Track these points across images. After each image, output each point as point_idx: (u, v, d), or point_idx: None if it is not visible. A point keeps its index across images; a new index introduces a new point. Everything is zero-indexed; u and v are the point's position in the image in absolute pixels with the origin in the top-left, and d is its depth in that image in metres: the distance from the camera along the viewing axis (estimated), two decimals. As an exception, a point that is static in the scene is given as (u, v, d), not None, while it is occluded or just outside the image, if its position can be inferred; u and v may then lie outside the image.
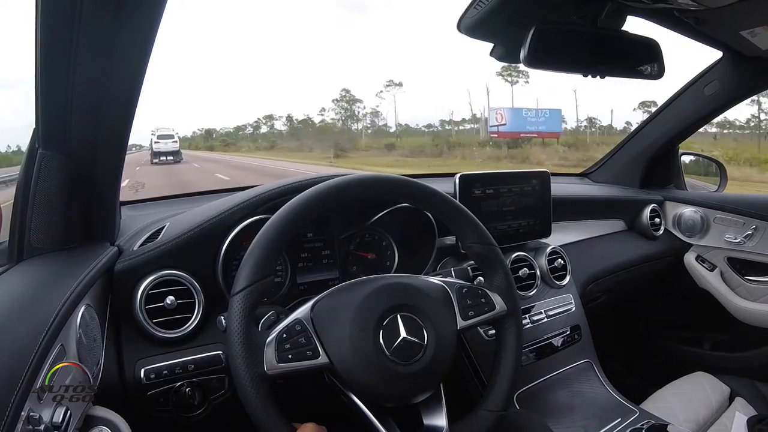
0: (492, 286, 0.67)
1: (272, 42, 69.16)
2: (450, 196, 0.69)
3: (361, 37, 68.42)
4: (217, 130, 38.21)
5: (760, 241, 1.25)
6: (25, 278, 0.58)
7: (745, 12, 0.81)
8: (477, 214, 0.68)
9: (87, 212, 0.68)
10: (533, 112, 18.76)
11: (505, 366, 0.65)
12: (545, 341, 1.01)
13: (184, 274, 0.71)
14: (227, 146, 34.25)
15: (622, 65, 0.79)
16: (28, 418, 0.40)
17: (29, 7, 0.52)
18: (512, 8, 0.71)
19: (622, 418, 0.91)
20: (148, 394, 0.66)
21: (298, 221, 0.59)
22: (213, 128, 38.60)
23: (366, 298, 0.58)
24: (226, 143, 35.13)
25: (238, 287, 0.54)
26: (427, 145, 23.24)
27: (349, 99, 31.42)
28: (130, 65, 0.57)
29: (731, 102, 1.23)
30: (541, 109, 19.07)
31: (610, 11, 0.74)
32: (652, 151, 1.41)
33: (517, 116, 18.72)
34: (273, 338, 0.54)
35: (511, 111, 19.23)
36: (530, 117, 18.63)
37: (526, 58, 0.69)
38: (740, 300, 1.27)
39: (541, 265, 1.04)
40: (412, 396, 0.59)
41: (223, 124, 49.69)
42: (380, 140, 28.15)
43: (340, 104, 31.59)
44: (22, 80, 0.69)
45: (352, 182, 0.63)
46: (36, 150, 0.61)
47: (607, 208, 1.35)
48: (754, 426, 0.88)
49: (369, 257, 0.91)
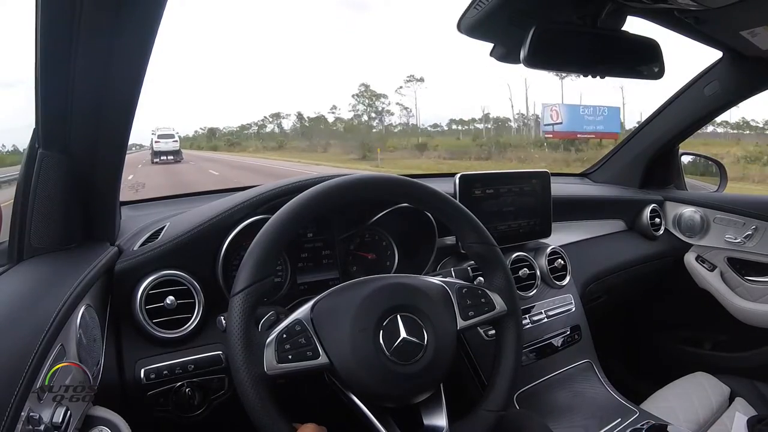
0: (492, 286, 0.67)
1: (277, 39, 69.07)
2: (450, 196, 0.69)
3: (369, 34, 68.01)
4: (221, 129, 37.20)
5: (760, 241, 1.25)
6: (25, 278, 0.58)
7: (745, 12, 0.80)
8: (477, 214, 0.68)
9: (87, 212, 0.68)
10: (590, 110, 16.00)
11: (505, 366, 0.65)
12: (545, 341, 1.00)
13: (184, 274, 0.71)
14: (232, 146, 33.02)
15: (622, 65, 0.79)
16: (28, 418, 0.40)
17: (29, 7, 0.52)
18: (512, 8, 0.71)
19: (622, 419, 0.91)
20: (148, 395, 0.66)
21: (298, 221, 0.59)
22: (216, 127, 37.52)
23: (366, 298, 0.58)
24: (231, 143, 33.94)
25: (238, 287, 0.54)
26: (469, 146, 20.59)
27: (371, 94, 28.68)
28: (130, 65, 0.57)
29: (731, 102, 1.23)
30: (599, 106, 16.22)
31: (610, 11, 0.74)
32: (653, 151, 1.41)
33: (573, 114, 16.07)
34: (273, 338, 0.54)
35: (567, 108, 16.57)
36: (587, 115, 15.93)
37: (526, 58, 0.69)
38: (740, 300, 1.27)
39: (541, 265, 1.04)
40: (412, 396, 0.59)
41: (226, 123, 48.82)
42: (407, 140, 25.68)
43: (361, 99, 28.88)
44: (22, 80, 0.69)
45: (352, 182, 0.63)
46: (36, 150, 0.61)
47: (607, 208, 1.35)
48: (754, 426, 0.88)
49: (369, 257, 0.91)
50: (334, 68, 61.53)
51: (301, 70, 63.94)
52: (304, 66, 64.12)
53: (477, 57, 31.07)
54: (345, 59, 62.32)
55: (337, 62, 62.69)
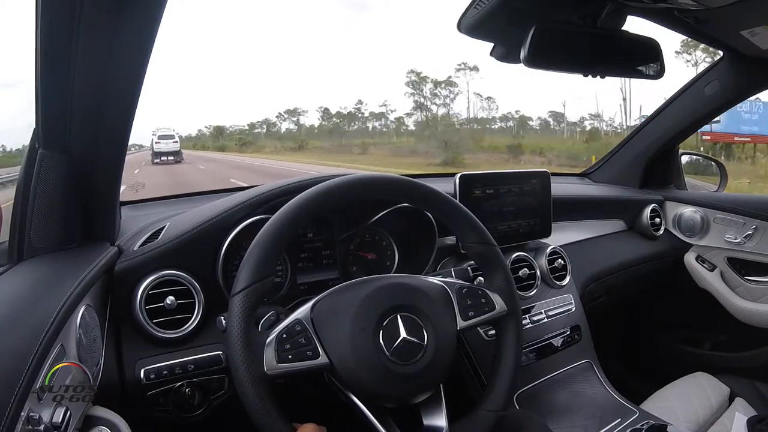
0: (492, 286, 0.67)
1: (281, 35, 68.18)
2: (450, 196, 0.69)
3: (374, 30, 66.82)
4: (227, 128, 34.40)
5: (760, 241, 1.25)
6: (25, 278, 0.58)
7: (745, 12, 0.81)
8: (477, 214, 0.68)
9: (87, 212, 0.68)
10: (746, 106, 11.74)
11: (504, 366, 0.65)
12: (545, 341, 1.00)
13: (184, 274, 0.71)
14: (245, 146, 29.71)
15: (623, 65, 0.79)
16: (28, 418, 0.40)
17: (29, 7, 0.52)
18: (512, 8, 0.71)
19: (622, 419, 0.91)
20: (148, 395, 0.66)
21: (298, 221, 0.59)
22: (223, 126, 34.68)
23: (366, 298, 0.58)
24: (243, 142, 30.63)
25: (239, 287, 0.54)
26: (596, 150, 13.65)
27: (432, 81, 23.19)
28: (130, 65, 0.57)
29: (731, 102, 1.23)
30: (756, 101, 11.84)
31: (610, 11, 0.74)
32: (653, 151, 1.41)
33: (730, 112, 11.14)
34: (273, 338, 0.54)
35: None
36: (743, 113, 11.91)
37: (526, 58, 0.70)
38: (740, 300, 1.27)
39: (541, 265, 1.04)
40: (412, 396, 0.59)
41: (232, 122, 46.58)
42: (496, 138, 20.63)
43: (416, 88, 23.24)
44: (22, 80, 0.69)
45: (352, 182, 0.63)
46: (36, 150, 0.61)
47: (607, 208, 1.35)
48: (754, 426, 0.88)
49: (369, 257, 0.91)
50: (359, 59, 58.89)
51: (321, 64, 61.48)
52: (322, 60, 62.16)
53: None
54: (350, 57, 61.05)
55: (341, 60, 61.60)
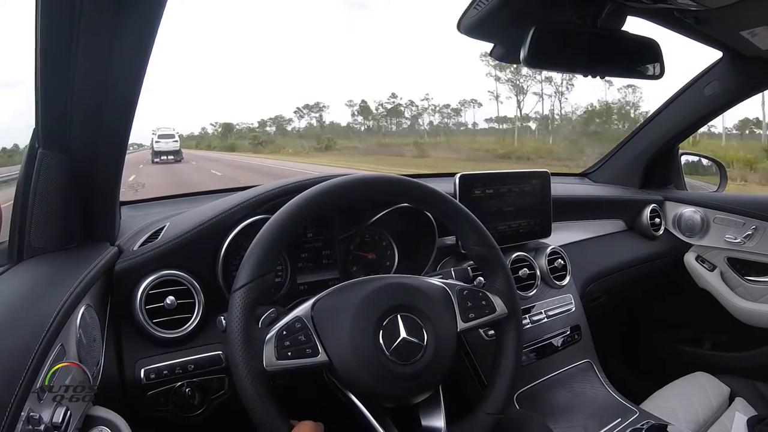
0: (492, 288, 0.67)
1: (285, 31, 67.15)
2: (450, 196, 0.69)
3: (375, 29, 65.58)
4: (235, 125, 32.11)
5: (760, 241, 1.25)
6: (25, 278, 0.58)
7: (745, 12, 0.80)
8: (477, 214, 0.68)
9: (87, 212, 0.68)
10: None
11: (504, 368, 0.65)
12: (545, 341, 1.00)
13: (184, 274, 0.71)
14: (259, 145, 26.59)
15: (623, 65, 0.79)
16: (28, 418, 0.40)
17: (29, 7, 0.52)
18: (512, 8, 0.71)
19: (622, 418, 0.91)
20: (148, 395, 0.66)
21: (299, 221, 0.59)
22: (231, 123, 32.31)
23: (366, 297, 0.58)
24: (259, 141, 27.45)
25: (239, 283, 0.54)
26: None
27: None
28: (130, 65, 0.57)
29: (731, 102, 1.23)
30: None
31: (610, 11, 0.74)
32: (652, 151, 1.41)
33: None
34: (273, 335, 0.54)
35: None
36: None
37: (526, 58, 0.70)
38: (740, 300, 1.27)
39: (541, 265, 1.04)
40: (411, 396, 0.59)
41: (239, 119, 43.57)
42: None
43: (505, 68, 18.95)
44: (22, 80, 0.69)
45: (352, 182, 0.63)
46: (36, 150, 0.61)
47: (607, 208, 1.35)
48: (754, 426, 0.88)
49: (369, 257, 0.91)
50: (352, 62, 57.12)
51: (344, 57, 59.17)
52: (340, 54, 60.21)
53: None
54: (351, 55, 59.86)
55: (343, 59, 60.39)
